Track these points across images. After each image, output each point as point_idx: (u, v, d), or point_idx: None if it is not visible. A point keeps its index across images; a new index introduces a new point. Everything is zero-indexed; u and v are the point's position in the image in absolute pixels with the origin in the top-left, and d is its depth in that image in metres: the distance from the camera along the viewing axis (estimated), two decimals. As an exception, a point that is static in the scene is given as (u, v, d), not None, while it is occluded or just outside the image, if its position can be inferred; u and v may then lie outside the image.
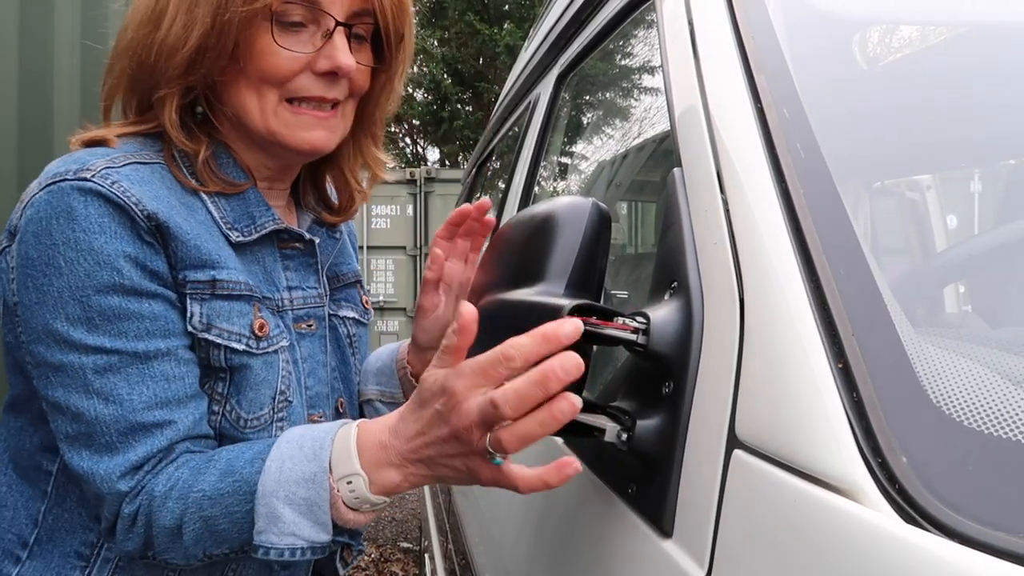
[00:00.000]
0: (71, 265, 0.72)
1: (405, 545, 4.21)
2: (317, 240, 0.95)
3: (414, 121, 13.76)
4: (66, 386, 0.74)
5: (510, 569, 1.04)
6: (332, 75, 0.84)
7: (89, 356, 0.73)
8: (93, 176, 0.74)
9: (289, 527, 0.70)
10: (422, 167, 8.22)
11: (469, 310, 0.62)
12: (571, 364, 0.56)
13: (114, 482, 0.74)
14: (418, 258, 7.84)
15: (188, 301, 0.78)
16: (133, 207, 0.74)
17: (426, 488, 2.71)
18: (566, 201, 0.71)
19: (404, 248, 7.84)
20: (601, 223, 0.70)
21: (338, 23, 0.82)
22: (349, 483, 0.70)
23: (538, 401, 0.58)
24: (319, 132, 0.86)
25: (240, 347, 0.81)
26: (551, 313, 0.63)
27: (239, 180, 0.86)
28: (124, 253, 0.74)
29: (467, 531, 1.57)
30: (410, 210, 7.85)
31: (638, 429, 0.63)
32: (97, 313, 0.73)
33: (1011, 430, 0.42)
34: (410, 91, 13.91)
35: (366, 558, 3.99)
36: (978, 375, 0.47)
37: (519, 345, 0.59)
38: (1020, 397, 0.45)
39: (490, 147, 3.21)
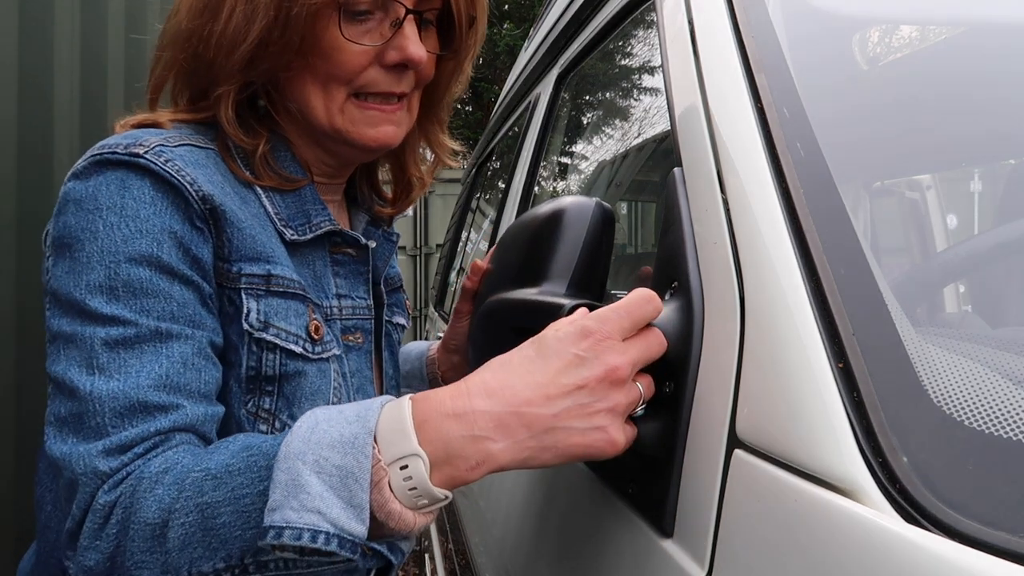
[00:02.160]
0: (109, 229, 0.65)
1: (405, 545, 4.20)
2: (373, 244, 0.89)
3: (414, 121, 13.74)
4: (70, 359, 0.64)
5: (510, 569, 1.04)
6: (401, 67, 0.78)
7: (102, 327, 0.64)
8: (146, 152, 0.68)
9: (313, 501, 0.53)
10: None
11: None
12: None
13: (92, 458, 0.61)
14: (418, 258, 7.84)
15: (244, 297, 0.71)
16: (188, 187, 0.68)
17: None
18: (569, 201, 0.71)
19: (404, 248, 7.84)
20: (604, 223, 0.70)
21: (408, 11, 0.77)
22: (403, 468, 0.54)
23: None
24: (387, 128, 0.81)
25: (297, 350, 0.74)
26: (552, 312, 0.64)
27: (297, 176, 0.81)
28: (171, 230, 0.67)
29: (467, 531, 1.57)
30: (410, 210, 7.83)
31: (638, 429, 0.63)
32: (122, 283, 0.65)
33: (1011, 430, 0.42)
34: (410, 91, 13.92)
35: (366, 558, 3.97)
36: (978, 375, 0.47)
37: (649, 291, 0.60)
38: (1020, 397, 0.45)
39: (490, 147, 3.21)
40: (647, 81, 1.32)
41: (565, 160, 2.08)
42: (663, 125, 1.03)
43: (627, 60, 1.50)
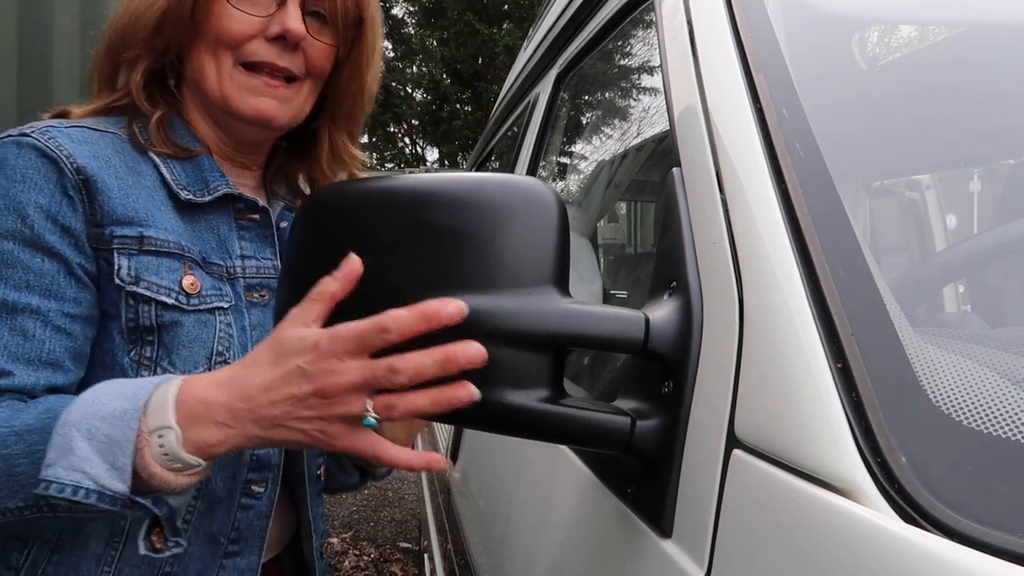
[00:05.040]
0: None
1: (404, 545, 4.21)
2: (274, 211, 0.96)
3: (413, 121, 13.76)
4: None
5: (510, 569, 1.04)
6: (283, 40, 0.86)
7: None
8: (33, 132, 0.78)
9: (79, 462, 0.63)
10: (421, 167, 8.19)
11: (356, 261, 0.60)
12: (475, 354, 0.57)
13: None
14: (418, 258, 7.83)
15: (115, 256, 0.79)
16: (64, 159, 0.77)
17: (426, 488, 2.71)
18: (522, 189, 0.64)
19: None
20: (564, 213, 0.65)
21: None
22: (160, 436, 0.65)
23: (433, 377, 0.58)
24: (269, 101, 0.87)
25: (170, 301, 0.81)
26: (632, 327, 0.61)
27: (192, 146, 0.89)
28: (37, 204, 0.76)
29: (467, 531, 1.57)
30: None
31: (638, 429, 0.63)
32: None
33: (1011, 430, 0.42)
34: (409, 91, 13.92)
35: (366, 558, 3.98)
36: (978, 375, 0.47)
37: (397, 318, 0.58)
38: (1020, 397, 0.45)
39: (489, 147, 3.21)
40: (646, 81, 1.32)
41: (564, 160, 2.08)
42: (662, 125, 1.03)
43: (626, 60, 1.50)
